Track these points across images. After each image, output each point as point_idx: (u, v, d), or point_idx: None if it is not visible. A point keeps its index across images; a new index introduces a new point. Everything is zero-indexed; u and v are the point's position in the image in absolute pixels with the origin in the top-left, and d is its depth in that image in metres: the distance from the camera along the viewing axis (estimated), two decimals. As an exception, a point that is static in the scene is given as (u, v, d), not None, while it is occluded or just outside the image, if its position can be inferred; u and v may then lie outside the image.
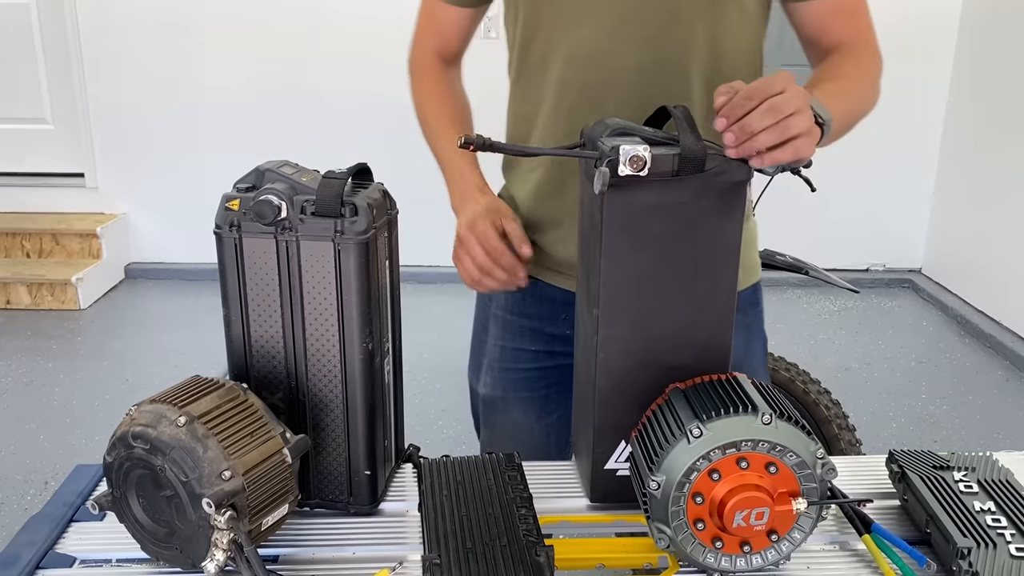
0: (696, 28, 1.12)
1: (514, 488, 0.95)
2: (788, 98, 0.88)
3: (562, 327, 1.27)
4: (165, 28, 4.08)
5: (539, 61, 1.20)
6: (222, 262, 0.93)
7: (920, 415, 3.13)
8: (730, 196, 0.91)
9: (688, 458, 0.83)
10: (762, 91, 0.88)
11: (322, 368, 0.94)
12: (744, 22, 1.16)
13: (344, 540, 0.95)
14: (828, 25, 1.15)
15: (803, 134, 0.88)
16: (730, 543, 0.85)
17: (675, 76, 1.14)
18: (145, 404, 0.86)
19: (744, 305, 1.25)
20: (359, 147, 4.11)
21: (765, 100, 0.87)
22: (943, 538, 0.88)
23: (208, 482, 0.81)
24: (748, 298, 1.28)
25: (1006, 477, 0.98)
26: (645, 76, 1.13)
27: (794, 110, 0.88)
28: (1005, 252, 3.74)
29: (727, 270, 0.94)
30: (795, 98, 0.88)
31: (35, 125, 4.30)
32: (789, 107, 0.87)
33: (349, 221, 0.89)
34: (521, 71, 1.24)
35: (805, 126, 0.88)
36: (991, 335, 3.66)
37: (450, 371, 3.39)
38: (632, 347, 0.95)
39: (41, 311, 3.97)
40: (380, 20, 4.06)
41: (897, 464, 1.00)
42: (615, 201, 0.90)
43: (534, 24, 1.19)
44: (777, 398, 0.89)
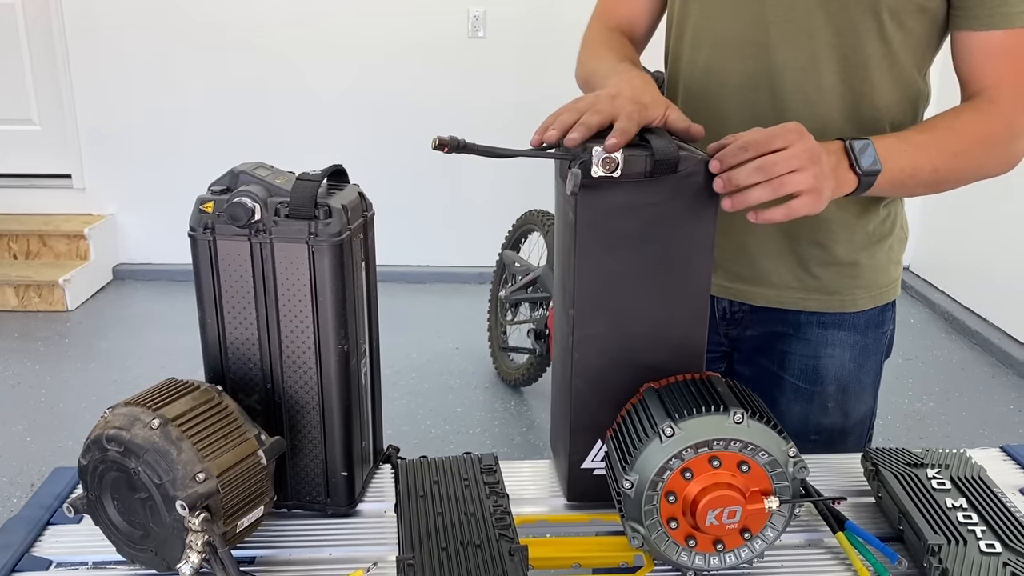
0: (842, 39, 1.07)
1: (490, 488, 0.95)
2: (787, 156, 0.87)
3: None
4: (152, 29, 4.07)
5: (689, 46, 1.18)
6: (197, 264, 0.93)
7: (907, 412, 3.15)
8: (703, 196, 0.91)
9: (661, 457, 0.83)
10: (759, 145, 0.87)
11: (298, 370, 0.95)
12: (904, 40, 1.08)
13: (321, 541, 0.95)
14: (983, 65, 1.05)
15: (803, 192, 0.87)
16: (703, 541, 0.86)
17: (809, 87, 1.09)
18: (120, 407, 0.86)
19: (865, 326, 1.22)
20: (349, 149, 4.11)
21: (760, 156, 0.87)
22: (915, 535, 0.89)
23: (182, 484, 0.81)
24: (872, 318, 1.22)
25: (979, 474, 0.98)
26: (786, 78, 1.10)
27: (793, 168, 0.86)
28: (992, 250, 3.76)
29: (700, 270, 0.94)
30: (796, 156, 0.87)
31: (22, 126, 4.28)
32: (785, 166, 0.86)
33: (323, 223, 0.90)
34: (675, 57, 1.22)
35: (805, 185, 0.87)
36: (977, 332, 3.69)
37: (438, 371, 3.40)
38: (607, 347, 0.96)
39: (28, 313, 3.96)
40: (367, 21, 4.06)
41: (872, 462, 1.01)
42: (588, 202, 0.90)
43: (688, 5, 1.17)
44: (750, 398, 0.89)
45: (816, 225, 1.16)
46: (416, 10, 4.05)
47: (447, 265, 4.36)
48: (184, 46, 4.10)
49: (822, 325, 1.21)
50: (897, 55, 1.08)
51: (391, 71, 4.10)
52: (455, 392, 3.26)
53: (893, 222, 1.22)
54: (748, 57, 1.11)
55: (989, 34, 1.03)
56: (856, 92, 1.09)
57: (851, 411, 1.25)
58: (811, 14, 1.07)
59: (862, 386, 1.24)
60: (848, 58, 1.08)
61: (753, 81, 1.12)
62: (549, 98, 1.20)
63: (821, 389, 1.23)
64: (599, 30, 1.26)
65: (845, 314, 1.21)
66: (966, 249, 3.97)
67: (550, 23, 4.02)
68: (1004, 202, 3.65)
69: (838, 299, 1.20)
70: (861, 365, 1.23)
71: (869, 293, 1.21)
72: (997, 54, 1.04)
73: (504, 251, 3.33)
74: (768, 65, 1.10)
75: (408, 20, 4.06)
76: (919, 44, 1.09)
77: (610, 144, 0.87)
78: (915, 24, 1.07)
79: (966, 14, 1.04)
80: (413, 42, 4.08)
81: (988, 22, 1.02)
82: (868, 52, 1.07)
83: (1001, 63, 1.04)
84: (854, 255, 1.18)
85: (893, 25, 1.06)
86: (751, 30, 1.10)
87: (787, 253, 1.19)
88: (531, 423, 3.05)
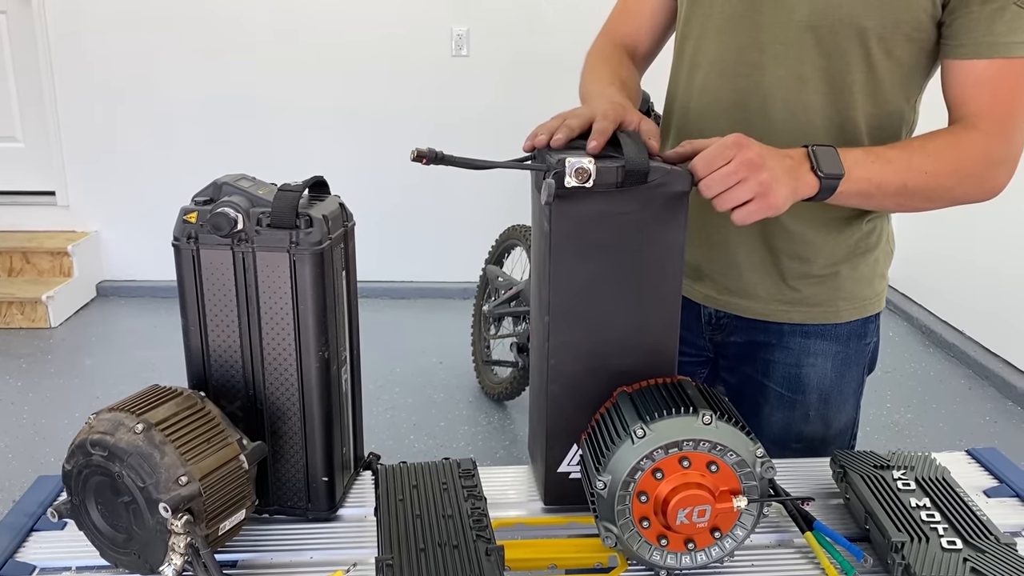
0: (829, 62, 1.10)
1: (468, 491, 0.97)
2: (725, 173, 0.92)
3: None
4: (136, 47, 4.09)
5: (689, 65, 1.22)
6: (180, 273, 0.95)
7: (886, 423, 3.19)
8: (673, 206, 0.94)
9: (632, 458, 0.86)
10: (705, 165, 0.93)
11: (279, 377, 0.97)
12: (891, 68, 1.11)
13: (302, 545, 0.97)
14: (971, 93, 1.07)
15: (756, 197, 0.93)
16: (675, 541, 0.88)
17: (796, 106, 1.13)
18: (104, 412, 0.88)
19: (847, 337, 1.24)
20: (333, 165, 4.13)
21: (706, 175, 0.92)
22: (880, 533, 0.92)
23: (165, 487, 0.83)
24: (854, 330, 1.25)
25: (942, 475, 1.01)
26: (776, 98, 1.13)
27: (734, 183, 0.92)
28: (967, 265, 3.82)
29: (671, 277, 0.97)
30: (735, 173, 0.92)
31: (5, 143, 4.28)
32: (724, 183, 0.92)
33: (304, 232, 0.92)
34: (676, 75, 1.26)
35: (751, 193, 0.93)
36: (954, 345, 3.74)
37: (422, 385, 3.41)
38: (582, 353, 0.98)
39: (11, 330, 3.95)
40: (353, 35, 4.10)
41: (840, 464, 1.04)
42: (562, 211, 0.93)
43: (690, 26, 1.21)
44: (719, 400, 0.92)
45: (797, 240, 1.20)
46: (401, 28, 4.10)
47: (431, 280, 4.38)
48: (169, 64, 4.12)
49: (804, 335, 1.24)
50: (882, 81, 1.11)
51: (376, 88, 4.14)
52: (439, 406, 3.27)
53: (879, 236, 1.26)
54: (740, 76, 1.16)
55: (974, 63, 1.06)
56: (841, 114, 1.13)
57: (832, 421, 1.28)
58: (802, 38, 1.10)
59: (843, 396, 1.27)
60: (835, 80, 1.11)
61: (744, 99, 1.16)
62: (531, 115, 1.24)
63: (803, 398, 1.26)
64: (603, 45, 1.30)
65: (828, 325, 1.24)
66: (944, 264, 4.03)
67: (532, 42, 4.07)
68: (981, 217, 3.72)
69: (820, 311, 1.23)
70: (843, 375, 1.26)
71: (852, 305, 1.24)
72: (981, 82, 1.06)
73: (487, 266, 3.35)
74: (759, 85, 1.14)
75: (393, 37, 4.10)
76: (906, 72, 1.12)
77: (591, 147, 0.92)
78: (902, 53, 1.10)
79: (954, 43, 1.07)
80: (398, 59, 4.12)
81: (974, 51, 1.05)
82: (854, 76, 1.11)
83: (984, 91, 1.06)
84: (835, 267, 1.21)
85: (880, 52, 1.09)
86: (745, 51, 1.15)
87: (770, 267, 1.23)
88: (514, 437, 3.06)
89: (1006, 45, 1.04)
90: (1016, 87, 1.06)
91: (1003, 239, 3.55)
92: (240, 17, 4.07)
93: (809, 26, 1.10)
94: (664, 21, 1.30)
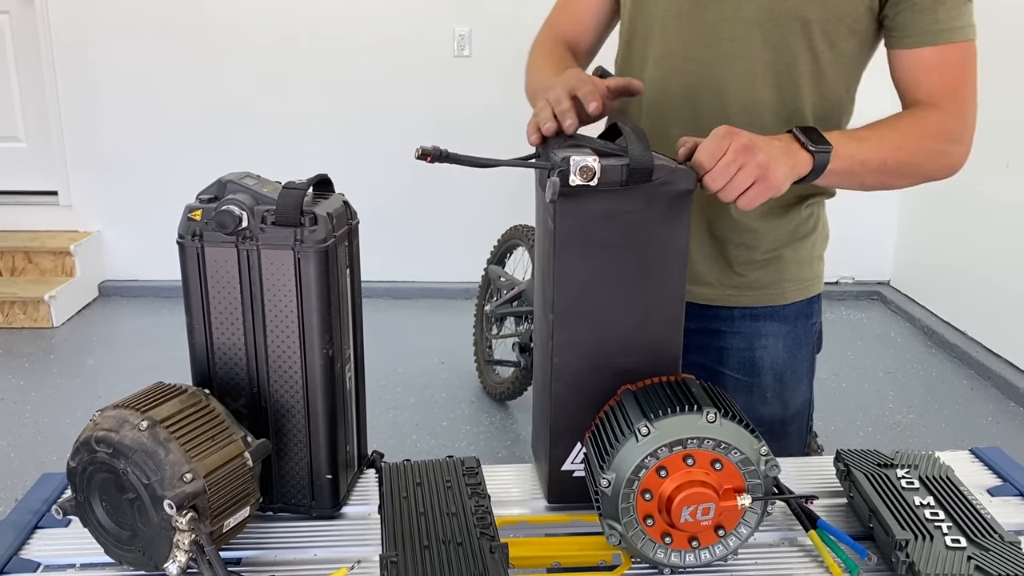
0: (776, 56, 1.14)
1: (472, 489, 0.97)
2: (724, 164, 0.94)
3: None
4: (139, 48, 4.09)
5: (638, 62, 1.25)
6: (185, 271, 0.95)
7: (887, 424, 3.18)
8: (676, 204, 0.94)
9: (637, 456, 0.86)
10: (708, 158, 0.95)
11: (283, 374, 0.97)
12: (834, 60, 1.16)
13: (306, 542, 0.97)
14: (922, 78, 1.13)
15: (757, 180, 0.96)
16: (679, 538, 0.88)
17: (746, 100, 1.17)
18: (108, 409, 0.88)
19: (795, 316, 1.30)
20: (335, 166, 4.11)
21: (711, 168, 0.95)
22: (884, 531, 0.92)
23: (170, 484, 0.83)
24: (800, 310, 1.30)
25: (946, 474, 1.01)
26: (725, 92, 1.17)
27: (734, 172, 0.95)
28: (969, 265, 3.81)
29: (675, 275, 0.97)
30: (733, 162, 0.94)
31: (8, 143, 4.29)
32: (726, 174, 0.94)
33: (309, 230, 0.92)
34: (623, 71, 1.28)
35: (751, 178, 0.95)
36: (956, 345, 3.73)
37: (424, 385, 3.41)
38: (585, 351, 0.98)
39: (14, 329, 3.95)
40: (355, 37, 4.10)
41: (844, 463, 1.04)
42: (566, 210, 0.93)
43: (637, 24, 1.24)
44: (723, 398, 0.92)
45: (742, 229, 1.25)
46: (403, 29, 4.10)
47: (433, 281, 4.38)
48: (171, 64, 4.12)
49: (754, 318, 1.29)
50: (826, 72, 1.16)
51: (378, 89, 4.14)
52: (441, 406, 3.27)
53: (816, 221, 1.30)
54: (689, 72, 1.19)
55: (922, 51, 1.12)
56: (788, 106, 1.17)
57: (789, 401, 1.32)
58: (749, 33, 1.14)
59: (797, 376, 1.32)
60: (782, 73, 1.16)
61: (694, 94, 1.19)
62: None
63: (759, 380, 1.30)
64: (546, 41, 1.33)
65: (775, 307, 1.29)
66: (945, 264, 4.03)
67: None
68: (981, 217, 3.72)
69: (767, 293, 1.28)
70: (795, 355, 1.31)
71: (796, 286, 1.29)
72: (931, 68, 1.12)
73: (489, 266, 3.35)
74: (708, 80, 1.18)
75: (395, 38, 4.10)
76: (848, 63, 1.17)
77: (593, 107, 0.96)
78: (845, 44, 1.15)
79: (900, 34, 1.13)
80: (400, 60, 4.12)
81: (921, 39, 1.11)
82: (800, 69, 1.15)
83: (935, 76, 1.13)
84: (777, 252, 1.27)
85: (824, 45, 1.14)
86: (693, 47, 1.18)
87: (718, 256, 1.27)
88: (516, 436, 3.06)
89: (950, 31, 1.10)
90: (963, 68, 1.13)
91: (1005, 239, 3.55)
92: (243, 16, 4.07)
93: (757, 21, 1.13)
94: (606, 18, 1.33)
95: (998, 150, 3.58)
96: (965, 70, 1.13)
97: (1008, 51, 3.53)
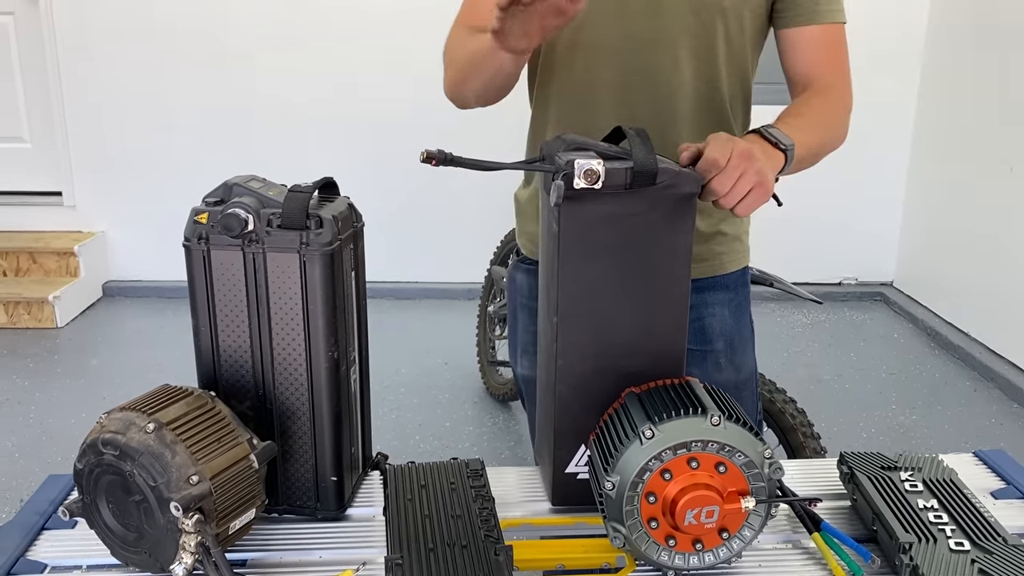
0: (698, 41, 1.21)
1: (477, 491, 0.98)
2: (729, 172, 0.97)
3: None
4: (143, 47, 4.10)
5: (561, 57, 1.27)
6: (191, 274, 0.95)
7: (890, 425, 3.18)
8: (681, 207, 0.95)
9: (641, 458, 0.86)
10: (713, 165, 0.97)
11: (289, 377, 0.97)
12: (743, 42, 1.24)
13: (311, 544, 0.97)
14: (812, 57, 1.24)
15: (754, 188, 0.98)
16: (683, 541, 0.89)
17: (672, 84, 1.22)
18: (115, 412, 0.88)
19: (735, 284, 1.39)
20: (340, 167, 4.12)
21: (711, 180, 0.97)
22: (887, 534, 0.92)
23: (176, 486, 0.84)
24: (738, 279, 1.40)
25: (950, 477, 1.02)
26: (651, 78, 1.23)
27: (737, 177, 0.97)
28: (972, 266, 3.81)
29: (679, 278, 0.98)
30: (736, 168, 0.97)
31: (12, 144, 4.30)
32: (729, 181, 0.97)
33: (314, 233, 0.92)
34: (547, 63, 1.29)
35: (752, 183, 0.98)
36: (959, 346, 3.73)
37: (427, 386, 3.41)
38: (590, 353, 0.99)
39: (18, 329, 3.96)
40: (357, 38, 4.10)
41: (847, 465, 1.04)
42: (571, 212, 0.94)
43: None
44: (727, 401, 0.92)
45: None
46: (412, 27, 4.10)
47: (436, 281, 4.38)
48: (175, 64, 4.13)
49: (699, 289, 1.33)
50: (737, 54, 1.25)
51: (382, 90, 4.14)
52: (444, 407, 3.27)
53: None
54: (618, 62, 1.23)
55: (811, 28, 1.23)
56: (710, 86, 1.25)
57: (741, 365, 1.40)
58: (671, 21, 1.21)
59: (744, 339, 1.41)
60: (702, 58, 1.23)
61: (624, 82, 1.24)
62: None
63: (711, 347, 1.37)
64: (461, 32, 1.31)
65: (717, 276, 1.36)
66: (948, 266, 4.03)
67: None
68: (985, 219, 3.72)
69: (708, 265, 1.35)
70: (739, 319, 1.40)
71: (732, 257, 1.38)
72: (820, 46, 1.24)
73: (492, 267, 3.36)
74: (636, 68, 1.23)
75: (403, 37, 4.10)
76: (752, 44, 1.27)
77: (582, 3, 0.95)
78: (749, 27, 1.24)
79: (791, 13, 1.24)
80: (408, 60, 4.12)
81: (808, 18, 1.23)
82: (717, 51, 1.23)
83: (822, 53, 1.25)
84: (716, 227, 1.34)
85: (736, 28, 1.23)
86: (621, 40, 1.22)
87: None
88: (519, 437, 3.06)
89: (831, 12, 1.24)
90: (844, 46, 1.26)
91: (1008, 241, 3.55)
92: (247, 17, 4.08)
93: (679, 12, 1.20)
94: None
95: (1002, 153, 3.58)
96: (845, 48, 1.26)
97: (1013, 57, 3.53)
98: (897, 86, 4.25)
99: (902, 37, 4.21)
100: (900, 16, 4.19)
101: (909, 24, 4.20)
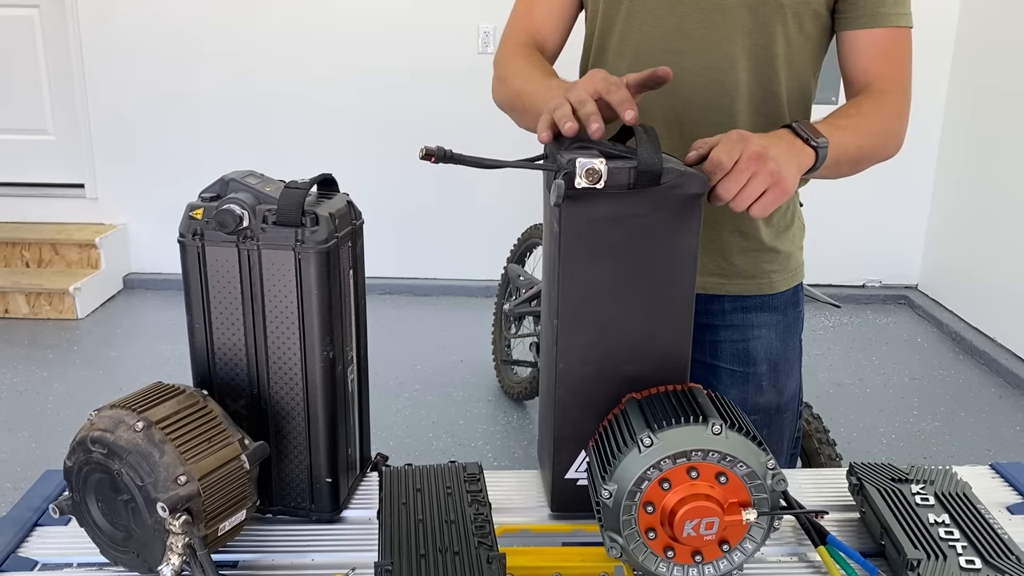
0: (753, 40, 1.18)
1: (472, 496, 0.96)
2: (737, 174, 0.93)
3: None
4: (166, 41, 4.12)
5: (612, 57, 1.25)
6: (185, 270, 0.94)
7: (911, 431, 3.13)
8: (686, 209, 0.92)
9: (639, 467, 0.83)
10: (718, 167, 0.93)
11: (283, 376, 0.96)
12: (803, 43, 1.21)
13: (304, 547, 0.96)
14: (871, 61, 1.19)
15: (769, 189, 0.94)
16: (682, 552, 0.86)
17: (726, 84, 1.19)
18: (105, 409, 0.87)
19: (784, 305, 1.33)
20: (359, 162, 4.14)
21: (721, 178, 0.94)
22: (895, 550, 0.89)
23: (163, 486, 0.82)
24: (789, 299, 1.34)
25: (963, 491, 0.98)
26: (704, 79, 1.19)
27: (746, 179, 0.93)
28: (1000, 270, 3.74)
29: (684, 281, 0.95)
30: (745, 169, 0.93)
31: (36, 136, 4.34)
32: (738, 183, 0.93)
33: (310, 230, 0.91)
34: (596, 66, 1.27)
35: (764, 185, 0.94)
36: (985, 352, 3.66)
37: (442, 383, 3.40)
38: (591, 357, 0.96)
39: (39, 320, 3.99)
40: (378, 38, 4.10)
41: (856, 476, 1.01)
42: (572, 212, 0.91)
43: (611, 19, 1.24)
44: (730, 409, 0.89)
45: (739, 216, 1.21)
46: (428, 26, 4.09)
47: (453, 278, 4.37)
48: (198, 59, 4.15)
49: (745, 309, 1.30)
50: (796, 55, 1.21)
51: (403, 86, 4.13)
52: (458, 404, 3.26)
53: (793, 214, 1.34)
54: (669, 62, 1.16)
55: (873, 31, 1.18)
56: (765, 88, 1.21)
57: (784, 388, 1.34)
58: (726, 19, 1.18)
59: (790, 363, 1.35)
60: (758, 57, 1.19)
61: (673, 85, 1.17)
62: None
63: (754, 369, 1.32)
64: (515, 46, 1.31)
65: (765, 296, 1.31)
66: (975, 269, 3.95)
67: (559, 39, 4.04)
68: (1012, 222, 3.64)
69: (756, 283, 1.30)
70: (786, 343, 1.34)
71: (784, 276, 1.32)
72: (878, 48, 1.19)
73: (509, 265, 3.34)
74: (687, 69, 1.19)
75: (419, 36, 4.09)
76: (814, 46, 1.23)
77: (630, 117, 0.93)
78: (811, 28, 1.20)
79: (853, 15, 1.19)
80: (425, 57, 4.11)
81: (871, 20, 1.18)
82: (776, 51, 1.19)
83: (882, 57, 1.20)
84: (773, 241, 1.30)
85: (795, 27, 1.19)
86: (671, 39, 1.20)
87: (710, 243, 1.27)
88: (532, 437, 3.04)
89: (896, 15, 1.19)
90: (907, 51, 1.21)
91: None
92: (268, 13, 4.08)
93: (734, 8, 1.17)
94: (571, 17, 1.33)
95: (1031, 153, 3.50)
96: (908, 54, 1.21)
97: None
98: (925, 86, 4.17)
99: (931, 37, 4.13)
100: (930, 16, 4.11)
101: (938, 25, 4.13)
